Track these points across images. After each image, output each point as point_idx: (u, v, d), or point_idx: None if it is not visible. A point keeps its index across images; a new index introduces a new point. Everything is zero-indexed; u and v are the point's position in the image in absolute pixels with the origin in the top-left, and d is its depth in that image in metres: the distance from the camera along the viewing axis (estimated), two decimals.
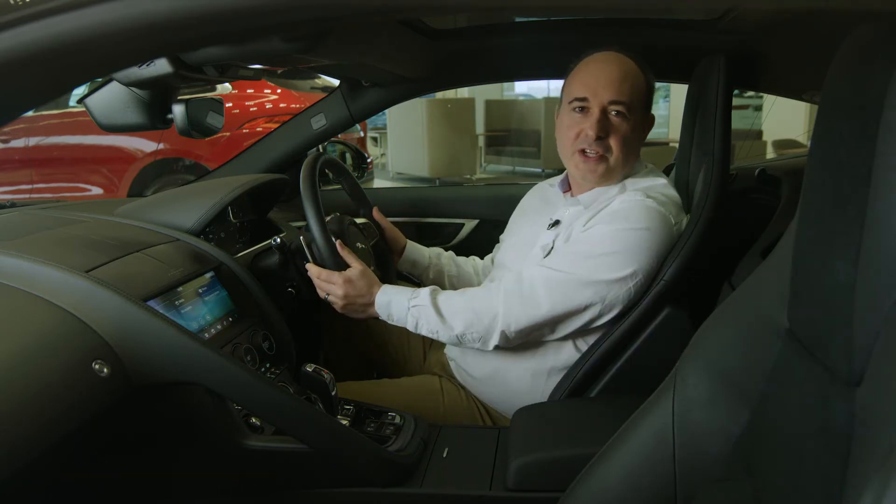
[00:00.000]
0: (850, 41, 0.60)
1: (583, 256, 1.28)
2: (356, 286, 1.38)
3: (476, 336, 1.32)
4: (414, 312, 1.35)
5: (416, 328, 1.36)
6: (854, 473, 0.52)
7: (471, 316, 1.32)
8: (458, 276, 1.69)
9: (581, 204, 1.40)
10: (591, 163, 1.35)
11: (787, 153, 4.52)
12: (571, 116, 1.35)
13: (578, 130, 1.34)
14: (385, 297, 1.38)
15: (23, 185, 5.23)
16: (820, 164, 0.62)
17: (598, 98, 1.32)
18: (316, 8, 0.56)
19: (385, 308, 1.38)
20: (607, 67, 1.33)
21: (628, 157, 1.36)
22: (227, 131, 4.62)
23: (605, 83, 1.31)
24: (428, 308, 1.34)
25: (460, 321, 1.32)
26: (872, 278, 0.54)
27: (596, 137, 1.31)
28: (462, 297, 1.35)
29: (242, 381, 1.08)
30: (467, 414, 1.46)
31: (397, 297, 1.37)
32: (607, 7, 1.34)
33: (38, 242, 1.17)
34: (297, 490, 1.17)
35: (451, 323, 1.33)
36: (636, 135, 1.35)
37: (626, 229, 1.27)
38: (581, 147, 1.34)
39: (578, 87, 1.34)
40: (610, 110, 1.32)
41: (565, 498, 0.87)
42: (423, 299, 1.35)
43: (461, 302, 1.34)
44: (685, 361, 0.83)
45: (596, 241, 1.28)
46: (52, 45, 0.56)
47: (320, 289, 1.41)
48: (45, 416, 0.83)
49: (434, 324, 1.33)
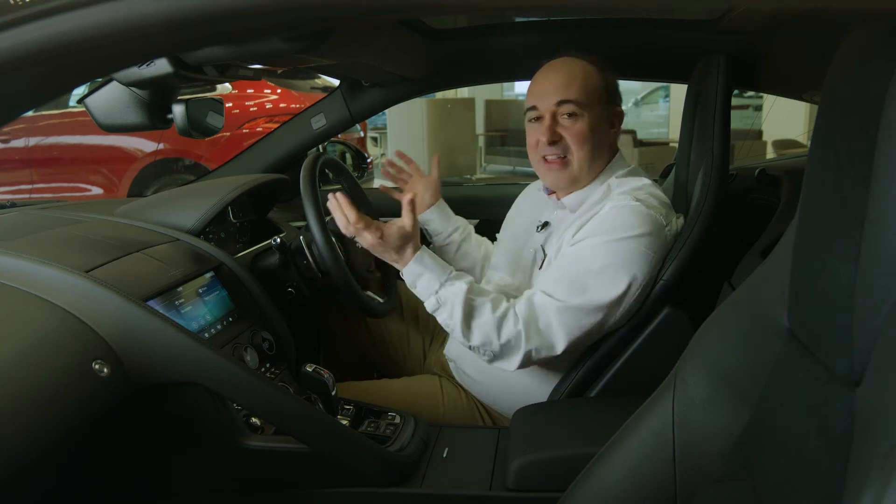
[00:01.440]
0: (849, 41, 0.60)
1: (585, 275, 1.26)
2: (388, 241, 1.30)
3: (488, 356, 1.30)
4: (442, 297, 1.29)
5: (433, 310, 1.31)
6: (854, 473, 0.52)
7: (492, 336, 1.27)
8: (465, 253, 1.68)
9: (566, 207, 1.40)
10: (554, 169, 1.36)
11: (787, 153, 4.52)
12: (529, 127, 1.38)
13: (535, 140, 1.36)
14: (418, 267, 1.31)
15: (23, 185, 5.23)
16: (820, 164, 0.62)
17: (545, 103, 1.34)
18: (316, 8, 0.56)
19: (414, 277, 1.31)
20: (553, 73, 1.35)
21: (594, 154, 1.35)
22: (227, 131, 4.63)
23: (550, 88, 1.33)
24: (458, 308, 1.27)
25: (479, 335, 1.28)
26: (872, 278, 0.54)
27: (549, 142, 1.33)
28: (494, 314, 1.27)
29: (242, 381, 1.08)
30: (467, 414, 1.46)
31: (428, 275, 1.30)
32: (607, 7, 1.34)
33: (38, 242, 1.17)
34: (297, 490, 1.17)
35: (473, 332, 1.28)
36: (597, 131, 1.34)
37: (621, 238, 1.26)
38: (542, 154, 1.36)
39: (530, 98, 1.37)
40: (560, 113, 1.33)
41: (565, 498, 0.87)
42: (458, 290, 1.28)
43: (491, 319, 1.27)
44: (685, 361, 0.83)
45: (594, 255, 1.27)
46: (52, 45, 0.56)
47: (346, 229, 1.32)
48: (45, 415, 0.83)
49: (456, 320, 1.28)
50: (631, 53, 1.75)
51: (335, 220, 1.33)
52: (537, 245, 1.42)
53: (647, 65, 1.86)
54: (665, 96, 9.80)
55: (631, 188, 1.33)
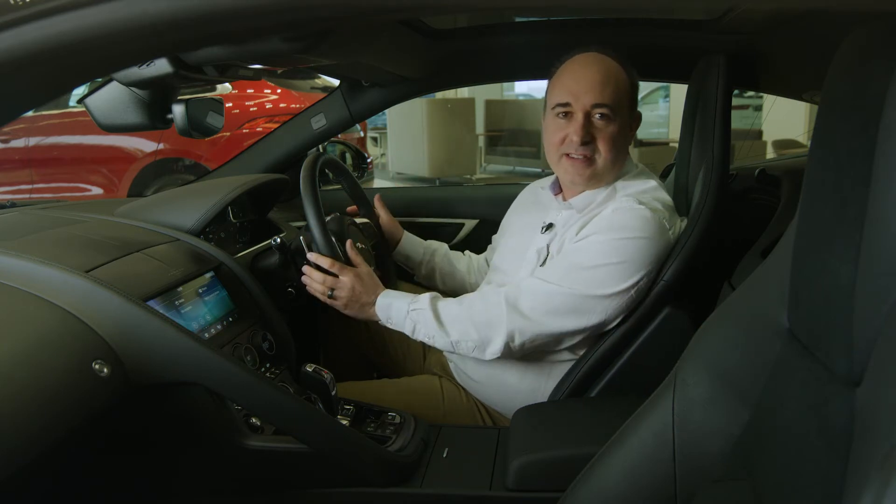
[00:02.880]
0: (849, 41, 0.60)
1: (581, 269, 1.28)
2: (364, 283, 1.39)
3: (471, 345, 1.33)
4: (413, 316, 1.35)
5: (413, 333, 1.36)
6: (854, 473, 0.52)
7: (467, 325, 1.32)
8: (451, 273, 1.70)
9: (573, 208, 1.39)
10: (578, 166, 1.34)
11: (787, 153, 4.52)
12: (556, 122, 1.35)
13: (563, 135, 1.33)
14: (386, 300, 1.39)
15: (23, 185, 5.23)
16: (820, 164, 0.62)
17: (581, 102, 1.31)
18: (316, 8, 0.56)
19: (385, 310, 1.38)
20: (588, 70, 1.32)
21: (617, 157, 1.34)
22: (227, 131, 4.63)
23: (587, 87, 1.30)
24: (427, 312, 1.34)
25: (456, 329, 1.33)
26: (872, 278, 0.54)
27: (581, 142, 1.31)
28: (460, 305, 1.35)
29: (242, 381, 1.08)
30: (467, 414, 1.46)
31: (398, 302, 1.38)
32: (607, 7, 1.34)
33: (38, 242, 1.17)
34: (297, 490, 1.17)
35: (447, 329, 1.33)
36: (623, 135, 1.34)
37: (622, 239, 1.26)
38: (567, 151, 1.34)
39: (561, 93, 1.33)
40: (594, 114, 1.31)
41: (565, 498, 0.87)
42: (423, 303, 1.35)
43: (459, 310, 1.34)
44: (685, 361, 0.83)
45: (593, 252, 1.27)
46: (52, 45, 0.56)
47: (322, 284, 1.39)
48: (44, 415, 0.83)
49: (431, 329, 1.34)
50: (631, 53, 1.75)
51: (310, 286, 1.41)
52: (541, 245, 1.41)
53: (647, 65, 1.84)
54: (665, 96, 9.80)
55: (635, 191, 1.33)
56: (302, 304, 1.51)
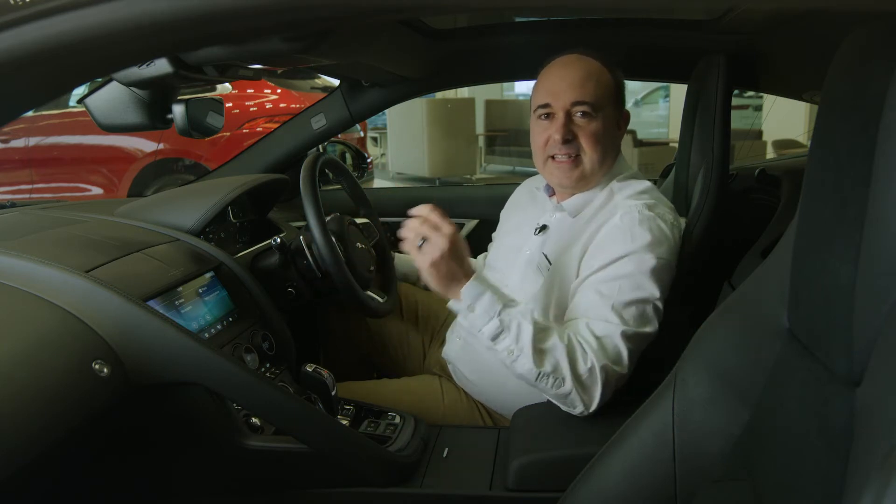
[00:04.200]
0: (849, 41, 0.60)
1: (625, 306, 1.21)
2: (460, 253, 1.19)
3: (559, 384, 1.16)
4: (505, 318, 1.16)
5: (493, 335, 1.16)
6: (854, 473, 0.52)
7: (562, 362, 1.15)
8: None
9: (566, 210, 1.38)
10: (564, 168, 1.32)
11: (787, 153, 4.52)
12: (539, 124, 1.34)
13: (546, 137, 1.32)
14: (481, 286, 1.18)
15: (23, 185, 5.24)
16: (820, 164, 0.62)
17: (561, 101, 1.30)
18: (316, 8, 0.56)
19: (474, 296, 1.17)
20: (568, 70, 1.32)
21: (605, 156, 1.33)
22: (227, 131, 4.63)
23: (566, 86, 1.30)
24: (526, 324, 1.15)
25: (551, 360, 1.15)
26: (872, 278, 0.54)
27: (563, 141, 1.29)
28: (561, 340, 1.17)
29: (242, 381, 1.08)
30: (467, 414, 1.45)
31: (491, 294, 1.17)
32: (608, 7, 1.34)
33: (38, 242, 1.17)
34: (297, 490, 1.17)
35: (545, 354, 1.15)
36: (608, 133, 1.32)
37: (652, 257, 1.22)
38: (551, 153, 1.33)
39: (541, 94, 1.33)
40: (574, 112, 1.30)
41: (565, 498, 0.87)
42: (524, 310, 1.18)
43: (558, 342, 1.16)
44: (685, 361, 0.83)
45: (635, 277, 1.22)
46: (52, 45, 0.56)
47: (413, 231, 1.20)
48: (44, 415, 0.83)
49: (524, 342, 1.14)
50: (631, 53, 1.75)
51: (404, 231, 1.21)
52: (534, 248, 1.40)
53: (647, 65, 1.86)
54: (665, 96, 9.81)
55: (636, 192, 1.32)
56: (302, 304, 1.51)
